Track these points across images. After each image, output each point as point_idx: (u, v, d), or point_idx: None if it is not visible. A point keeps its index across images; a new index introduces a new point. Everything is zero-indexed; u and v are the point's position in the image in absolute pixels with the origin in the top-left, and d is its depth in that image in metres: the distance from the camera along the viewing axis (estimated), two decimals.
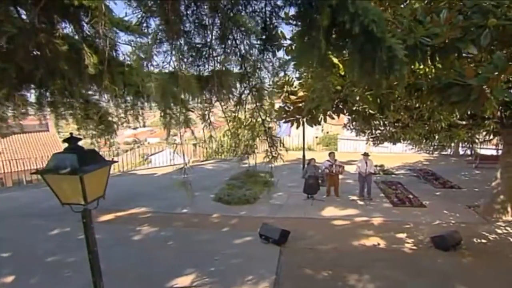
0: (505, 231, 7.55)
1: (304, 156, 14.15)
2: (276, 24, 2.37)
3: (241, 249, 6.76)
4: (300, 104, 4.85)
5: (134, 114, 4.33)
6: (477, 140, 11.91)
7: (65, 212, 2.79)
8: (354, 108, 6.52)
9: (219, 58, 2.33)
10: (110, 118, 3.65)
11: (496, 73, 2.73)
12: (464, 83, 2.94)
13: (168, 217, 8.82)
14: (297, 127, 5.24)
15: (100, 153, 2.96)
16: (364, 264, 6.12)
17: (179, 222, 8.49)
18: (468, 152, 15.55)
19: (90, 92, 3.10)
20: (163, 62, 2.20)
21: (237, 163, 15.55)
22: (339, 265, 6.10)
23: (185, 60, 2.25)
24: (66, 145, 2.68)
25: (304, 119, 4.98)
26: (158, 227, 8.03)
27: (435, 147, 12.73)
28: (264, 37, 2.39)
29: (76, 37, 2.49)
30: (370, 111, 6.09)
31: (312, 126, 5.36)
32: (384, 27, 2.70)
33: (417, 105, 7.39)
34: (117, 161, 12.97)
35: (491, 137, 10.66)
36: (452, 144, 14.48)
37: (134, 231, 7.77)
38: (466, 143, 12.57)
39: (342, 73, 4.96)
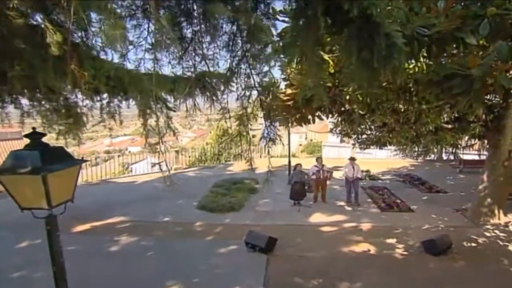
0: (493, 234, 7.51)
1: (289, 162, 13.94)
2: (269, 1, 2.13)
3: (226, 259, 6.44)
4: (289, 103, 4.63)
5: (111, 112, 3.97)
6: (459, 145, 12.04)
7: (37, 223, 2.41)
8: (343, 109, 6.40)
9: (203, 17, 2.04)
10: (79, 110, 3.28)
11: (500, 62, 2.59)
12: (465, 73, 2.78)
13: (149, 226, 8.38)
14: (286, 127, 5.01)
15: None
16: (355, 271, 5.92)
17: (160, 231, 8.08)
18: (452, 157, 15.72)
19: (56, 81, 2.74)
20: (138, 38, 1.91)
21: (221, 170, 15.20)
22: (329, 272, 5.86)
23: (165, 36, 1.96)
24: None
25: (293, 118, 4.77)
26: (138, 236, 7.60)
27: (420, 152, 12.77)
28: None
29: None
30: (360, 111, 5.97)
31: (301, 125, 5.15)
32: (383, 12, 2.54)
33: (402, 109, 7.37)
34: (88, 160, 12.33)
35: (476, 141, 10.76)
36: (437, 149, 14.62)
37: (112, 241, 7.30)
38: (450, 148, 12.69)
39: (332, 71, 4.80)
